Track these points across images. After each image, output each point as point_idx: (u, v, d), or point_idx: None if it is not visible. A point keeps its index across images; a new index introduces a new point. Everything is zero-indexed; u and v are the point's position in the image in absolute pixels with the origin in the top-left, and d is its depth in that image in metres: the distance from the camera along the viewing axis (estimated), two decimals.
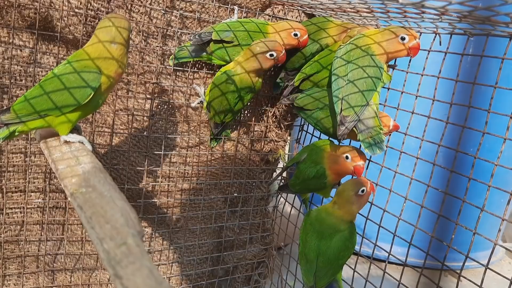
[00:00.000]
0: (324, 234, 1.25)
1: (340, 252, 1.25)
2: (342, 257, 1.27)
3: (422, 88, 1.28)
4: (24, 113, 0.95)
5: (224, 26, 1.38)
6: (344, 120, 1.19)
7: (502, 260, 2.94)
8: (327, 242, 1.25)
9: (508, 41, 1.06)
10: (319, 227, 1.27)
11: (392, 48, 1.21)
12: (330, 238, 1.25)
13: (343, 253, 1.26)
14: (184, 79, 1.47)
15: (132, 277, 0.59)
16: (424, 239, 1.26)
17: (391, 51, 1.22)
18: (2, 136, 0.98)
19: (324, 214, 1.27)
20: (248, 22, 1.39)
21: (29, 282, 1.46)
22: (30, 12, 1.22)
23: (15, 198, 1.37)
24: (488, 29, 1.05)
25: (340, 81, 1.23)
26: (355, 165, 1.30)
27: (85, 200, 0.77)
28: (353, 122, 1.19)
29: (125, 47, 0.99)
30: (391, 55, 1.23)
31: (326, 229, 1.25)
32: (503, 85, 1.10)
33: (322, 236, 1.25)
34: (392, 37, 1.20)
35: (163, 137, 1.48)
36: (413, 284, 1.27)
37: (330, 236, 1.25)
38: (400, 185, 1.32)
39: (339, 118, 1.20)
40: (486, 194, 1.08)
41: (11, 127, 0.98)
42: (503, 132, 1.08)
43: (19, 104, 0.96)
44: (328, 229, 1.25)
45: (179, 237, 1.65)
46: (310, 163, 1.40)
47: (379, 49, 1.22)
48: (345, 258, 1.28)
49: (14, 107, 0.96)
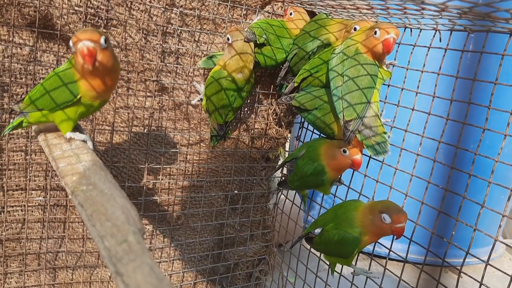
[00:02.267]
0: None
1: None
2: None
3: (422, 84, 1.28)
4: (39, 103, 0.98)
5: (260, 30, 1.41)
6: (348, 125, 1.18)
7: (503, 256, 2.95)
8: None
9: (508, 37, 1.06)
10: None
11: (370, 44, 1.18)
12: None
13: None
14: (184, 76, 1.47)
15: (133, 274, 0.59)
16: (425, 235, 1.26)
17: (370, 47, 1.18)
18: (14, 123, 1.03)
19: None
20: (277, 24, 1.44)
21: (31, 280, 1.47)
22: (30, 10, 1.22)
23: (16, 196, 1.37)
24: (488, 25, 1.05)
25: (337, 80, 1.22)
26: (353, 158, 1.28)
27: (86, 198, 0.77)
28: (357, 125, 1.19)
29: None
30: (373, 52, 1.19)
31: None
32: (503, 82, 1.09)
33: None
34: (370, 34, 1.18)
35: (163, 134, 1.48)
36: (413, 280, 1.27)
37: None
38: (400, 181, 1.32)
39: (343, 124, 1.19)
40: (487, 190, 1.08)
41: (23, 116, 1.02)
42: (503, 129, 1.08)
43: (34, 93, 0.99)
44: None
45: (180, 235, 1.66)
46: (308, 159, 1.38)
47: (363, 48, 1.20)
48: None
49: (30, 95, 0.99)
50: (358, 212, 1.23)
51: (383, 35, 1.14)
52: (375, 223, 1.17)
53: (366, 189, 1.40)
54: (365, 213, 1.21)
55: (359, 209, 1.23)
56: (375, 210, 1.18)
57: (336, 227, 1.26)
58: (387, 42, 1.14)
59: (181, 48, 1.43)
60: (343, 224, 1.24)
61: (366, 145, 1.22)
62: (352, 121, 1.18)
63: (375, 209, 1.18)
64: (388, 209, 1.15)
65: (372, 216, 1.18)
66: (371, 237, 1.21)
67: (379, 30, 1.15)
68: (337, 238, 1.24)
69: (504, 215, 1.08)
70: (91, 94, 0.94)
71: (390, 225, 1.14)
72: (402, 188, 1.31)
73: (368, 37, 1.18)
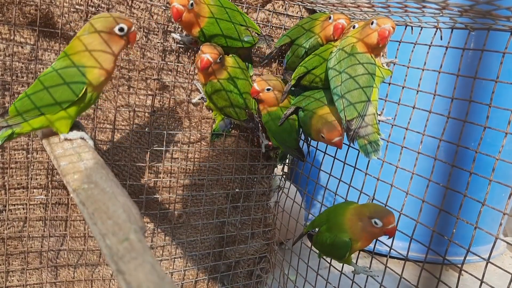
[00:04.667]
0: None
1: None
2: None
3: (423, 82, 1.28)
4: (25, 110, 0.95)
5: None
6: (350, 124, 1.18)
7: (504, 254, 2.95)
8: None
9: (509, 35, 1.06)
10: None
11: (366, 35, 1.18)
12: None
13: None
14: (185, 75, 1.47)
15: (135, 272, 0.59)
16: (426, 233, 1.26)
17: (366, 39, 1.19)
18: (3, 136, 0.97)
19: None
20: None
21: (33, 278, 1.47)
22: (31, 9, 1.22)
23: (18, 194, 1.37)
24: (489, 23, 1.05)
25: (337, 80, 1.22)
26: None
27: (87, 196, 0.77)
28: (359, 123, 1.19)
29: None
30: (368, 44, 1.20)
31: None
32: (504, 80, 1.09)
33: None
34: (367, 25, 1.18)
35: (164, 133, 1.48)
36: (414, 278, 1.27)
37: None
38: (401, 180, 1.32)
39: (345, 124, 1.20)
40: (487, 188, 1.08)
41: (13, 128, 0.97)
42: (504, 127, 1.08)
43: (19, 102, 0.96)
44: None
45: (181, 233, 1.66)
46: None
47: (361, 46, 1.20)
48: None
49: (16, 104, 0.96)
50: (346, 218, 1.23)
51: (379, 26, 1.15)
52: (366, 229, 1.18)
53: (366, 187, 1.40)
54: (353, 220, 1.21)
55: (347, 215, 1.23)
56: (363, 216, 1.19)
57: (328, 230, 1.28)
58: (382, 32, 1.15)
59: (182, 47, 1.43)
60: (334, 228, 1.26)
61: (359, 145, 1.23)
62: (354, 120, 1.18)
63: (363, 214, 1.19)
64: (377, 213, 1.17)
65: (362, 223, 1.19)
66: (363, 242, 1.22)
67: (375, 21, 1.16)
68: (329, 241, 1.26)
69: (505, 213, 1.08)
70: (101, 80, 0.96)
71: (382, 228, 1.16)
72: (403, 186, 1.31)
73: (364, 28, 1.19)
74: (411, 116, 1.30)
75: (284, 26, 1.52)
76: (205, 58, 1.26)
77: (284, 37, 1.46)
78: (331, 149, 1.53)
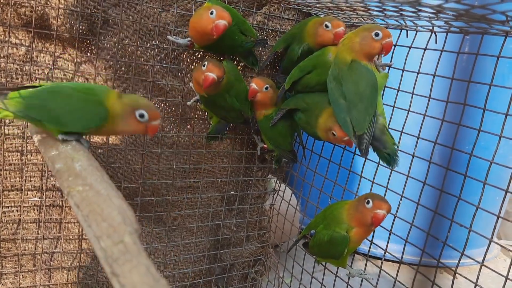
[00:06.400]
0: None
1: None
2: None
3: (418, 86, 1.29)
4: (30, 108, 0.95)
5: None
6: (361, 139, 1.17)
7: (497, 257, 2.96)
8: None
9: (503, 39, 1.06)
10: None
11: (367, 46, 1.18)
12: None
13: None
14: (181, 77, 1.47)
15: (129, 275, 0.59)
16: (420, 236, 1.27)
17: (367, 50, 1.19)
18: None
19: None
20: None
21: (26, 280, 1.46)
22: (26, 10, 1.21)
23: (12, 196, 1.37)
24: (484, 27, 1.05)
25: (339, 100, 1.21)
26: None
27: (82, 198, 0.77)
28: (369, 137, 1.17)
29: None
30: (368, 54, 1.20)
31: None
32: (498, 84, 1.10)
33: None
34: (366, 35, 1.18)
35: (159, 135, 1.48)
36: (409, 281, 1.28)
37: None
38: (396, 183, 1.33)
39: (356, 139, 1.18)
40: (482, 191, 1.09)
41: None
42: (498, 130, 1.08)
43: (29, 98, 0.96)
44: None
45: (176, 235, 1.66)
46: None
47: (358, 54, 1.19)
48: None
49: (22, 94, 0.95)
50: (346, 208, 1.25)
51: (385, 38, 1.16)
52: (359, 208, 1.20)
53: (361, 190, 1.40)
54: (353, 204, 1.24)
55: (347, 205, 1.26)
56: (362, 198, 1.22)
57: (326, 227, 1.28)
58: (388, 44, 1.16)
59: (178, 49, 1.43)
60: (331, 224, 1.27)
61: (380, 157, 1.25)
62: (365, 135, 1.17)
63: (362, 197, 1.22)
64: (373, 196, 1.20)
65: (357, 203, 1.22)
66: (357, 229, 1.23)
67: (381, 32, 1.16)
68: (327, 238, 1.26)
69: (499, 216, 1.08)
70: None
71: (371, 210, 1.16)
72: (398, 189, 1.32)
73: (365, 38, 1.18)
74: (406, 120, 1.31)
75: (280, 29, 1.52)
76: (210, 77, 1.23)
77: (280, 42, 1.46)
78: (327, 151, 1.54)
